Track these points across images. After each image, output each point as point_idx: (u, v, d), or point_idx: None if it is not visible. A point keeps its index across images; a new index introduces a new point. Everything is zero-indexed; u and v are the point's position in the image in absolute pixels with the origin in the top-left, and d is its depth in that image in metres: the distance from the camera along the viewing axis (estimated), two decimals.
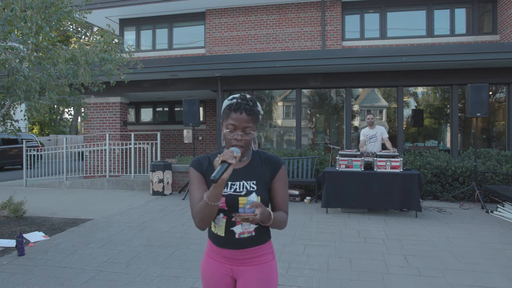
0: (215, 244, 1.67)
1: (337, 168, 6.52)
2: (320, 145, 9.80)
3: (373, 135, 7.57)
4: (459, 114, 8.56)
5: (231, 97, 1.63)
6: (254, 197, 1.60)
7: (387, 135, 7.58)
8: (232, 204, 1.58)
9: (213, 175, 1.41)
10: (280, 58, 8.28)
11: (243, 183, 1.62)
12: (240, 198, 1.59)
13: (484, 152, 7.88)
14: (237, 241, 1.62)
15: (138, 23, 13.13)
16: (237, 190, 1.61)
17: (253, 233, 1.62)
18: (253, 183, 1.62)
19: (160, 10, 12.39)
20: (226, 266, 1.66)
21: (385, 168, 6.30)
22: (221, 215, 1.61)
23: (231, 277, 1.68)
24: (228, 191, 1.61)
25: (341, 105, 9.58)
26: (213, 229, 1.66)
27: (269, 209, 1.61)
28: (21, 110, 5.91)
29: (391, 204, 6.22)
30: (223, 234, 1.62)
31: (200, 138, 12.86)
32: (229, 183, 1.62)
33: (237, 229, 1.61)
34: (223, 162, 1.44)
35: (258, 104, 1.65)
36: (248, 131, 1.57)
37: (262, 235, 1.66)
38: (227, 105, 1.60)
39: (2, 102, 5.72)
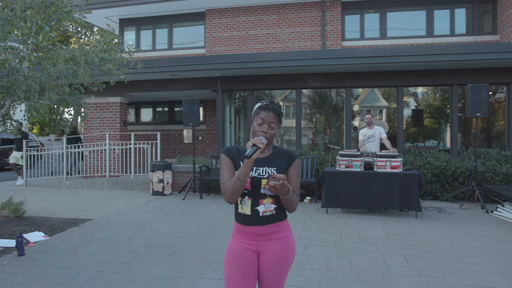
0: (243, 224, 2.02)
1: (337, 168, 6.52)
2: (320, 145, 9.79)
3: (371, 135, 7.56)
4: (459, 114, 8.56)
5: (261, 102, 2.07)
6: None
7: (386, 135, 7.59)
8: (255, 185, 1.96)
9: (247, 152, 1.84)
10: (280, 58, 8.27)
11: (265, 169, 2.02)
12: (262, 180, 1.98)
13: (484, 152, 7.88)
14: (261, 218, 1.99)
15: (138, 23, 13.12)
16: (260, 174, 2.00)
17: (274, 212, 2.01)
18: (273, 169, 2.02)
19: (160, 10, 12.38)
20: (252, 242, 2.02)
21: (385, 168, 6.30)
22: (246, 197, 1.99)
23: (256, 252, 2.02)
24: (253, 174, 1.99)
25: (341, 105, 9.58)
26: (240, 210, 2.03)
27: None
28: (21, 110, 5.90)
29: (391, 204, 6.22)
30: (249, 213, 2.00)
31: (200, 138, 12.85)
32: (254, 168, 1.99)
33: (261, 208, 1.99)
34: (253, 145, 1.87)
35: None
36: (273, 126, 1.99)
37: (280, 213, 2.05)
38: (258, 106, 2.05)
39: (2, 102, 5.71)
